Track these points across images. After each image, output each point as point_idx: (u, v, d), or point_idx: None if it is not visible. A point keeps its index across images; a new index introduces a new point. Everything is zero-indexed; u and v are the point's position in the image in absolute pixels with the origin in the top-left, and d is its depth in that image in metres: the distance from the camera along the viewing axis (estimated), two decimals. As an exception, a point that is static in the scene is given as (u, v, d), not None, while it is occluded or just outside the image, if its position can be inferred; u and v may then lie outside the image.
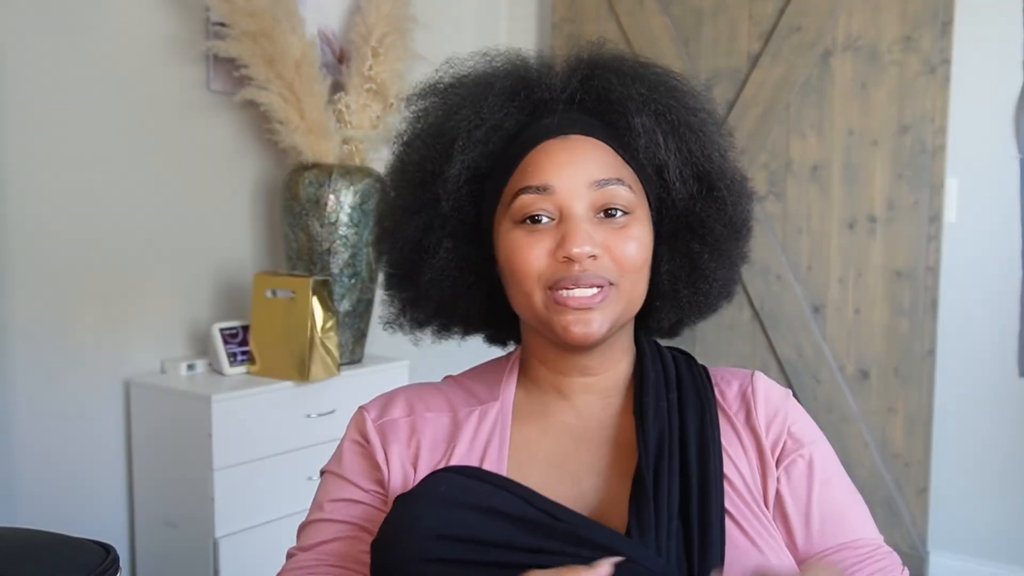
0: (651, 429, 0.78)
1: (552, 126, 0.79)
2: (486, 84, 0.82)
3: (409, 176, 0.84)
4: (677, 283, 0.84)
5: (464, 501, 0.70)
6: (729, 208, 0.82)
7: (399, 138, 0.87)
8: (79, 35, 1.92)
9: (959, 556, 2.55)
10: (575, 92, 0.81)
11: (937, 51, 2.42)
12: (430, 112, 0.84)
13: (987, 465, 2.51)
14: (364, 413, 0.86)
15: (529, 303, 0.78)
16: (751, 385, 0.84)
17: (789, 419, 0.83)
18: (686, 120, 0.80)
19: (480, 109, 0.80)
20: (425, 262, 0.83)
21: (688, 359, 0.87)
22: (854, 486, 0.84)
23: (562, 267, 0.75)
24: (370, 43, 2.29)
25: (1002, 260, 2.47)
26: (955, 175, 2.49)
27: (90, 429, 1.98)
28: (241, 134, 2.28)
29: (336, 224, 2.16)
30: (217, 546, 1.89)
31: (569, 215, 0.76)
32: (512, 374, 0.87)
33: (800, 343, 2.64)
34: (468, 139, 0.79)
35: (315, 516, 0.83)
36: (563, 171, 0.77)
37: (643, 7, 2.82)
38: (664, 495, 0.74)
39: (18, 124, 1.83)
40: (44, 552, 0.82)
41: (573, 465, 0.80)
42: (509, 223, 0.78)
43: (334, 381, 2.12)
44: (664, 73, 0.83)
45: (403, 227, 0.84)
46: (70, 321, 1.94)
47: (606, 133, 0.80)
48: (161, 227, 2.11)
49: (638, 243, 0.78)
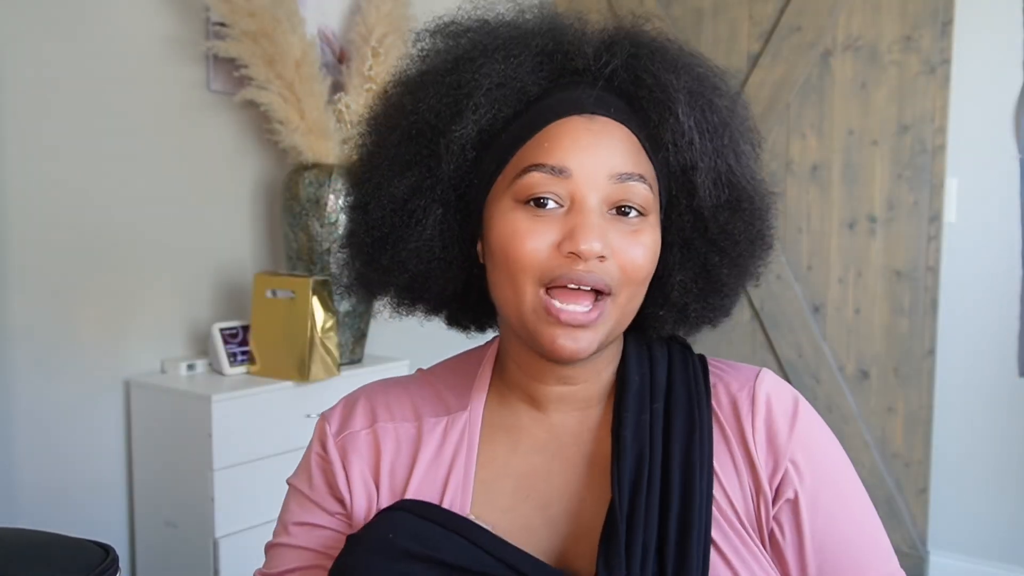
0: (627, 452, 0.70)
1: (583, 101, 0.70)
2: (520, 38, 0.71)
3: (405, 125, 0.73)
4: (688, 295, 0.76)
5: (413, 552, 0.66)
6: (757, 221, 0.75)
7: (397, 76, 0.77)
8: (79, 35, 1.92)
9: (959, 556, 2.55)
10: (615, 69, 0.71)
11: (937, 51, 2.42)
12: (442, 55, 0.73)
13: (987, 465, 2.51)
14: (325, 425, 0.81)
15: (517, 300, 0.68)
16: (751, 396, 0.74)
17: (794, 441, 0.72)
18: (725, 122, 0.72)
19: (509, 65, 0.70)
20: (409, 227, 0.72)
21: (684, 353, 0.79)
22: (867, 501, 0.75)
23: (565, 263, 0.66)
24: (370, 43, 2.29)
25: (1002, 260, 2.47)
26: (955, 175, 2.49)
27: (90, 429, 1.98)
28: (241, 134, 2.28)
29: (336, 224, 2.16)
30: (217, 546, 1.89)
31: (582, 206, 0.67)
32: (485, 376, 0.79)
33: (800, 343, 2.64)
34: (487, 97, 0.69)
35: (281, 539, 0.80)
36: (585, 155, 0.67)
37: (643, 7, 2.82)
38: (639, 531, 0.66)
39: (18, 124, 1.83)
40: (44, 552, 0.82)
41: (543, 487, 0.74)
42: (510, 200, 0.69)
43: (334, 381, 2.12)
44: (709, 68, 0.74)
45: (389, 183, 0.73)
46: (70, 321, 1.94)
47: (636, 121, 0.71)
48: (161, 227, 2.11)
49: (648, 251, 0.69)
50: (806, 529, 0.70)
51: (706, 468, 0.70)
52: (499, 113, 0.71)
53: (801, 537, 0.70)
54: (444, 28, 0.76)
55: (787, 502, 0.71)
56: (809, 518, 0.70)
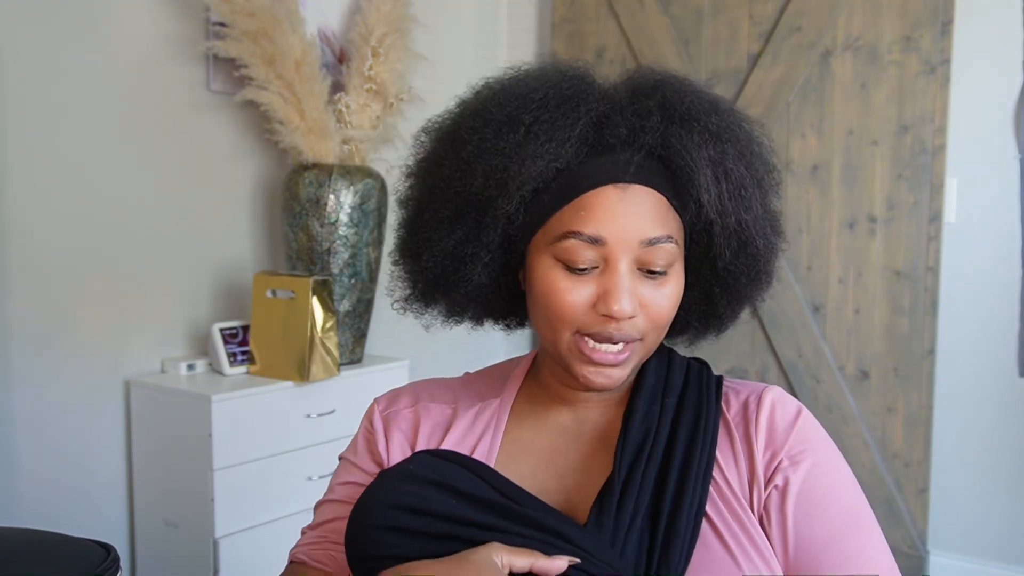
0: (634, 431, 0.79)
1: (616, 171, 0.75)
2: (563, 124, 0.76)
3: (454, 194, 0.79)
4: (690, 316, 0.86)
5: (427, 477, 0.75)
6: (760, 263, 0.82)
7: (443, 126, 0.83)
8: (79, 35, 1.92)
9: (959, 556, 2.55)
10: (643, 144, 0.76)
11: (937, 51, 2.42)
12: (488, 129, 0.78)
13: (987, 465, 2.51)
14: (375, 404, 0.93)
15: (555, 339, 0.78)
16: (758, 399, 0.82)
17: (792, 438, 0.79)
18: (745, 180, 0.78)
19: (551, 146, 0.75)
20: (460, 273, 0.81)
21: (702, 368, 0.87)
22: (864, 511, 0.79)
23: (598, 320, 0.75)
24: (370, 43, 2.29)
25: (1002, 260, 2.47)
26: (955, 175, 2.49)
27: (90, 429, 1.98)
28: (241, 134, 2.28)
29: (336, 224, 2.16)
30: (217, 546, 1.89)
31: (615, 270, 0.75)
32: (520, 376, 0.90)
33: (800, 343, 2.64)
34: (531, 175, 0.75)
35: (326, 497, 0.92)
36: (617, 224, 0.74)
37: (643, 7, 2.82)
38: (633, 492, 0.75)
39: (18, 124, 1.83)
40: (44, 552, 0.82)
41: (561, 461, 0.83)
42: (550, 258, 0.77)
43: (334, 381, 2.12)
44: (734, 123, 0.80)
45: (440, 237, 0.80)
46: (70, 321, 1.94)
47: (665, 183, 0.77)
48: (161, 227, 2.11)
49: (670, 300, 0.78)
50: (789, 517, 0.76)
51: (706, 452, 0.78)
52: (540, 183, 0.77)
53: (784, 523, 0.76)
54: (493, 99, 0.80)
55: (775, 488, 0.77)
56: (794, 507, 0.76)
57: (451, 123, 0.82)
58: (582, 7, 2.95)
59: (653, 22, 2.81)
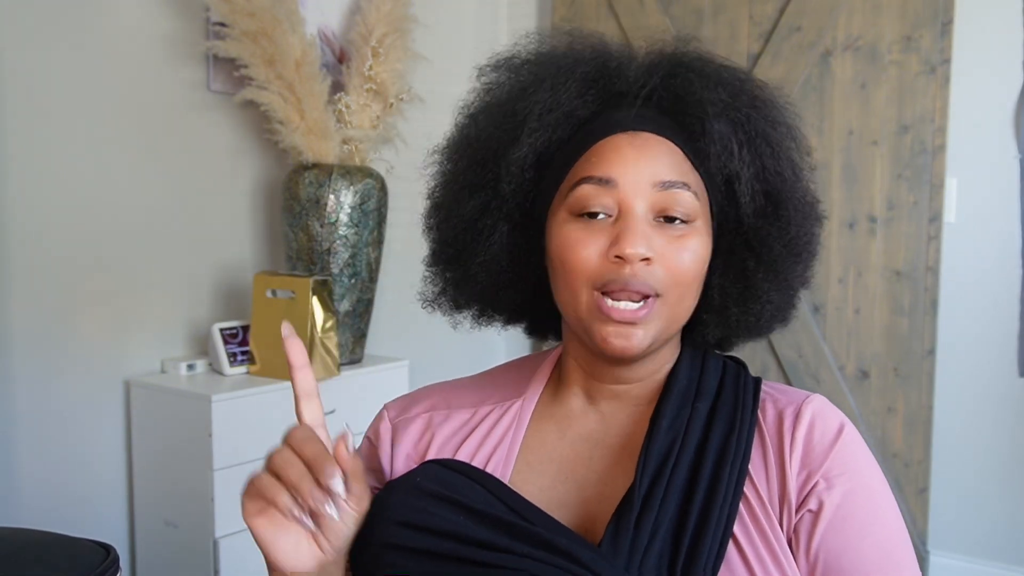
0: (659, 438, 0.73)
1: (625, 120, 0.75)
2: (567, 68, 0.77)
3: (471, 152, 0.80)
4: (727, 299, 0.79)
5: (433, 492, 0.72)
6: (792, 229, 0.77)
7: (465, 109, 0.83)
8: (79, 35, 1.92)
9: (959, 556, 2.55)
10: (654, 89, 0.76)
11: (937, 51, 2.42)
12: (502, 86, 0.80)
13: (987, 465, 2.51)
14: (385, 410, 0.88)
15: (574, 302, 0.74)
16: (797, 411, 0.75)
17: (832, 459, 0.72)
18: (764, 132, 0.76)
19: (557, 93, 0.76)
20: (478, 243, 0.79)
21: (739, 369, 0.81)
22: (902, 550, 0.72)
23: (613, 268, 0.71)
24: (370, 43, 2.29)
25: (1002, 260, 2.47)
26: (955, 175, 2.49)
27: (90, 429, 1.98)
28: (241, 134, 2.28)
29: (336, 224, 2.16)
30: (217, 546, 1.89)
31: (628, 213, 0.72)
32: (545, 371, 0.85)
33: (800, 343, 2.64)
34: (540, 122, 0.76)
35: None
36: (628, 166, 0.73)
37: (643, 7, 2.82)
38: (654, 507, 0.69)
39: (18, 124, 1.82)
40: (44, 552, 0.82)
41: (583, 471, 0.77)
42: (565, 213, 0.74)
43: (334, 381, 2.12)
44: (748, 79, 0.79)
45: (460, 204, 0.80)
46: (70, 321, 1.94)
47: (679, 135, 0.76)
48: (161, 227, 2.11)
49: (693, 255, 0.73)
50: (817, 545, 0.70)
51: (738, 465, 0.71)
52: (552, 136, 0.76)
53: (811, 551, 0.70)
54: (504, 62, 0.82)
55: (808, 512, 0.71)
56: (824, 535, 0.70)
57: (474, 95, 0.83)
58: (582, 7, 2.95)
59: (653, 22, 2.81)
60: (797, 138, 0.80)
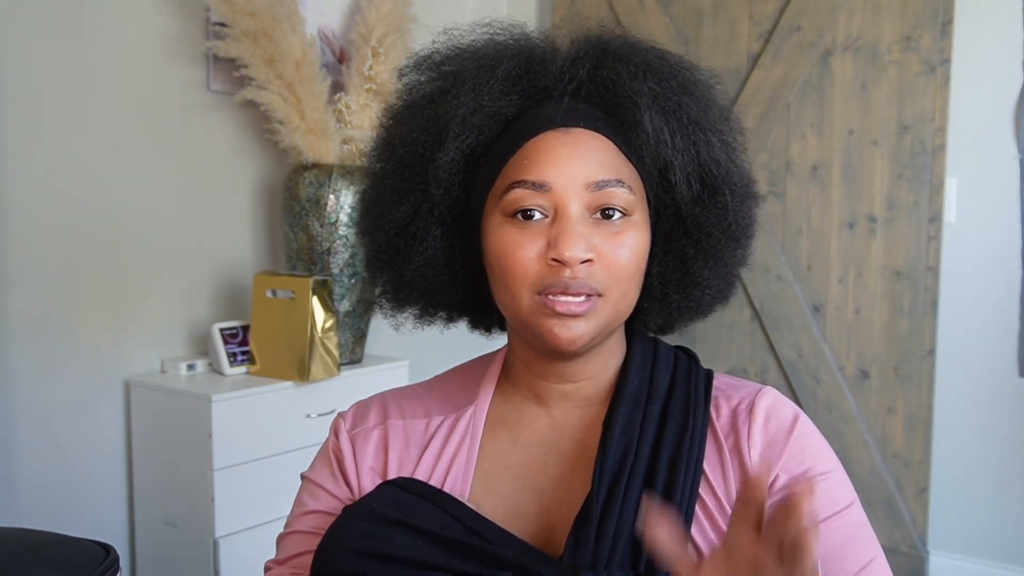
0: (613, 444, 0.73)
1: (553, 116, 0.73)
2: (488, 66, 0.75)
3: (398, 156, 0.78)
4: (668, 287, 0.79)
5: (391, 517, 0.71)
6: (730, 214, 0.76)
7: (388, 111, 0.82)
8: (79, 35, 1.92)
9: (959, 556, 2.55)
10: (581, 82, 0.75)
11: (937, 51, 2.42)
12: (424, 87, 0.78)
13: (987, 465, 2.51)
14: (340, 421, 0.85)
15: (515, 304, 0.72)
16: (750, 407, 0.76)
17: (789, 451, 0.74)
18: (696, 118, 0.75)
19: (479, 94, 0.74)
20: (412, 248, 0.78)
21: (691, 363, 0.81)
22: (864, 528, 0.74)
23: (552, 271, 0.70)
24: (370, 43, 2.29)
25: (1002, 260, 2.47)
26: (955, 175, 2.49)
27: (90, 429, 1.98)
28: (241, 134, 2.28)
29: (336, 224, 2.16)
30: (217, 546, 1.89)
31: (564, 215, 0.71)
32: (493, 375, 0.84)
33: (800, 343, 2.64)
34: (463, 125, 0.74)
35: (291, 528, 0.83)
36: (561, 168, 0.71)
37: (643, 7, 2.82)
38: (613, 517, 0.69)
39: (18, 124, 1.83)
40: (44, 552, 0.82)
41: (540, 478, 0.77)
42: (500, 216, 0.73)
43: (334, 381, 2.12)
44: (677, 64, 0.77)
45: (390, 210, 0.78)
46: (70, 321, 1.94)
47: (610, 127, 0.74)
48: (161, 227, 2.11)
49: (631, 251, 0.72)
50: None
51: (692, 468, 0.72)
52: (480, 137, 0.75)
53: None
54: (423, 61, 0.80)
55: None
56: None
57: (396, 95, 0.82)
58: (582, 7, 2.95)
59: (653, 22, 2.81)
60: (729, 119, 0.79)
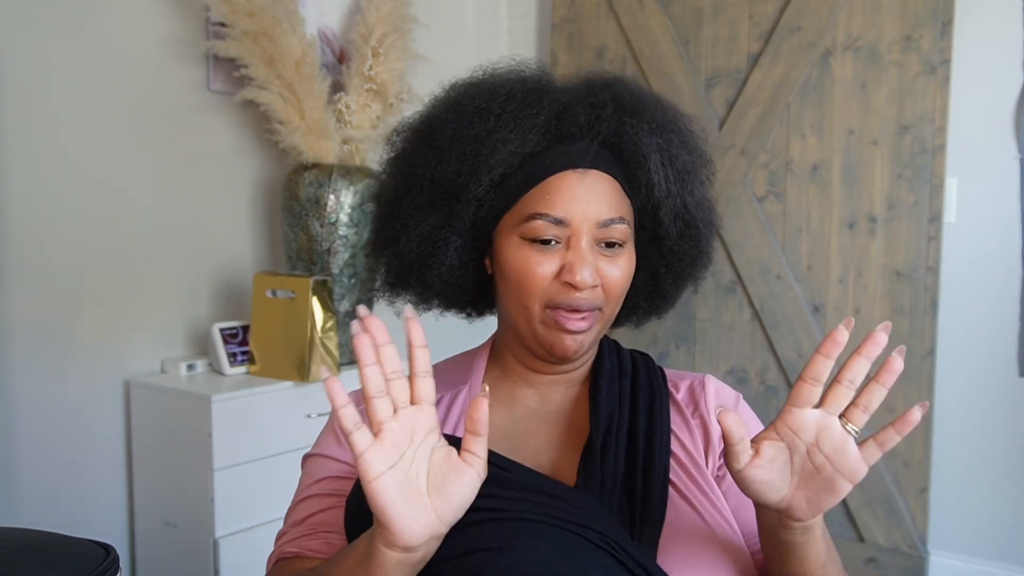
0: (603, 406, 0.88)
1: (576, 159, 0.86)
2: (525, 110, 0.86)
3: (430, 178, 0.88)
4: (638, 296, 0.95)
5: None
6: (703, 244, 0.93)
7: (415, 124, 0.93)
8: (79, 35, 1.92)
9: (959, 556, 2.55)
10: (602, 132, 0.87)
11: (937, 51, 2.42)
12: (462, 118, 0.88)
13: (987, 465, 2.51)
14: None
15: (526, 314, 0.86)
16: (702, 383, 0.95)
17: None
18: (688, 166, 0.89)
19: (524, 142, 0.85)
20: (434, 257, 0.90)
21: (646, 359, 0.97)
22: None
23: (564, 290, 0.84)
24: (370, 43, 2.29)
25: (1002, 260, 2.47)
26: (955, 175, 2.49)
27: (90, 429, 1.98)
28: (241, 134, 2.28)
29: (336, 224, 2.16)
30: (217, 546, 1.89)
31: (577, 246, 0.84)
32: (481, 363, 0.95)
33: (800, 343, 2.64)
34: (501, 160, 0.85)
35: (300, 496, 0.91)
36: (578, 206, 0.84)
37: (643, 7, 2.82)
38: (611, 459, 0.84)
39: (17, 124, 1.83)
40: (44, 552, 0.82)
41: (533, 442, 0.90)
42: (518, 238, 0.86)
43: (334, 381, 2.12)
44: (675, 119, 0.91)
45: (416, 222, 0.89)
46: (70, 321, 1.94)
47: (618, 169, 0.88)
48: (161, 227, 2.11)
49: (624, 272, 0.87)
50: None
51: (663, 427, 0.88)
52: (508, 168, 0.87)
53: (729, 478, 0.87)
54: (461, 97, 0.90)
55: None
56: None
57: (425, 119, 0.93)
58: (582, 7, 2.95)
59: (653, 22, 2.81)
60: (705, 157, 0.94)
